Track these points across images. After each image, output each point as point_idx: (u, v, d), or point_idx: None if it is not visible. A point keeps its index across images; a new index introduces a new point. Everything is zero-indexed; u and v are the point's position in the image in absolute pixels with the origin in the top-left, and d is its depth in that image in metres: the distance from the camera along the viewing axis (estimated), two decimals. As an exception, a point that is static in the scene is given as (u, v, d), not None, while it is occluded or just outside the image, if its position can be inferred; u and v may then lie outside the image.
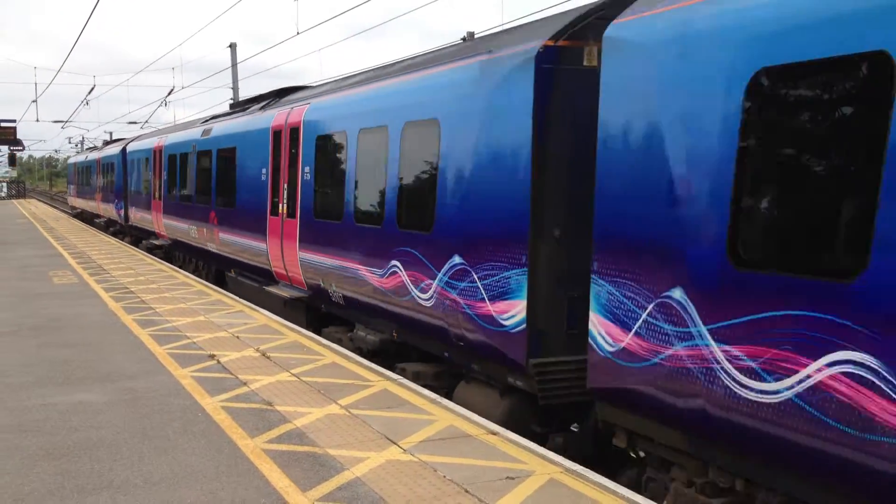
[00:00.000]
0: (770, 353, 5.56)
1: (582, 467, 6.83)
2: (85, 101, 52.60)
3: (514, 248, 8.30)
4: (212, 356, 10.83)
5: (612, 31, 7.21)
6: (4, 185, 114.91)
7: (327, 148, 13.07)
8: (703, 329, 6.07)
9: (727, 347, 5.88)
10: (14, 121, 43.90)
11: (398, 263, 10.53)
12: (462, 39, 15.32)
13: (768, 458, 5.77)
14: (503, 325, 8.45)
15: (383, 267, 10.89)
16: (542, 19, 9.25)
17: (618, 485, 6.48)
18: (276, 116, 15.48)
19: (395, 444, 7.35)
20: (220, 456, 7.08)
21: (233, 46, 37.83)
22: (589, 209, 7.39)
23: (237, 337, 12.17)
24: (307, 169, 13.62)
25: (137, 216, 30.38)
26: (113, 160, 37.79)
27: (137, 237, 31.87)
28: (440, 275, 9.50)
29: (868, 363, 4.99)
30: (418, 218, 10.16)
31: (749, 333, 5.71)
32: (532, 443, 7.51)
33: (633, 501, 6.13)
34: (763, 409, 5.63)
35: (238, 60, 37.41)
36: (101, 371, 10.13)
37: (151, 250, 27.15)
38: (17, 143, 50.46)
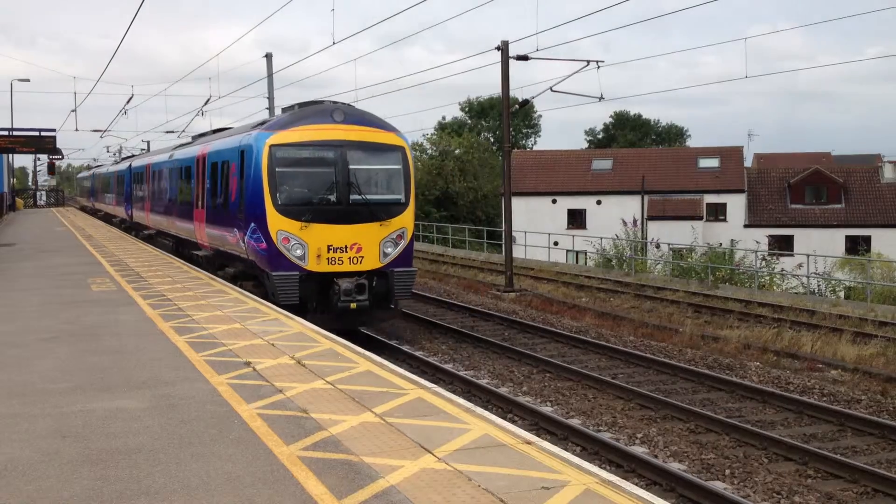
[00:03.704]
0: None
1: (618, 478, 6.79)
2: (123, 111, 53.42)
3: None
4: (247, 363, 10.91)
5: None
6: (44, 193, 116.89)
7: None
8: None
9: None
10: (54, 130, 44.64)
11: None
12: (496, 48, 15.27)
13: None
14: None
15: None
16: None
17: (655, 496, 6.43)
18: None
19: (429, 452, 7.36)
20: (256, 462, 7.13)
21: (269, 57, 38.20)
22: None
23: (272, 344, 12.25)
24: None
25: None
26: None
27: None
28: None
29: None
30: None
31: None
32: (567, 452, 7.47)
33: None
34: None
35: (273, 70, 37.72)
36: (138, 378, 10.25)
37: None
38: (57, 152, 51.31)
